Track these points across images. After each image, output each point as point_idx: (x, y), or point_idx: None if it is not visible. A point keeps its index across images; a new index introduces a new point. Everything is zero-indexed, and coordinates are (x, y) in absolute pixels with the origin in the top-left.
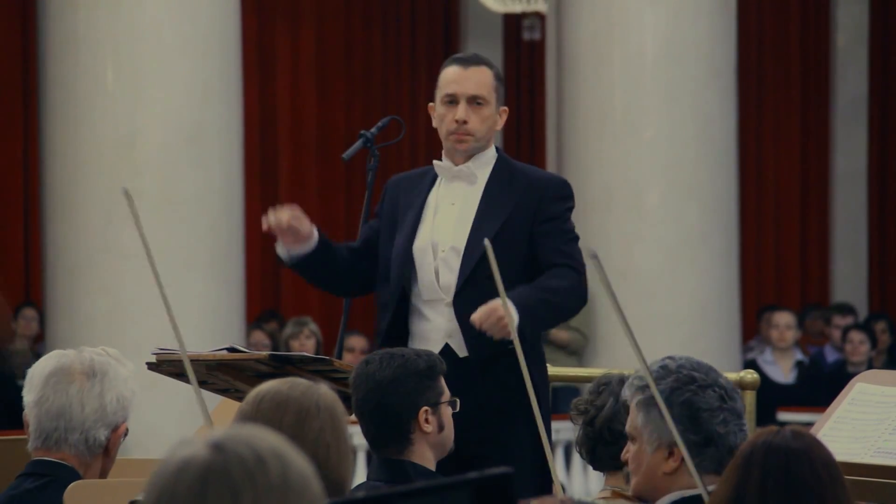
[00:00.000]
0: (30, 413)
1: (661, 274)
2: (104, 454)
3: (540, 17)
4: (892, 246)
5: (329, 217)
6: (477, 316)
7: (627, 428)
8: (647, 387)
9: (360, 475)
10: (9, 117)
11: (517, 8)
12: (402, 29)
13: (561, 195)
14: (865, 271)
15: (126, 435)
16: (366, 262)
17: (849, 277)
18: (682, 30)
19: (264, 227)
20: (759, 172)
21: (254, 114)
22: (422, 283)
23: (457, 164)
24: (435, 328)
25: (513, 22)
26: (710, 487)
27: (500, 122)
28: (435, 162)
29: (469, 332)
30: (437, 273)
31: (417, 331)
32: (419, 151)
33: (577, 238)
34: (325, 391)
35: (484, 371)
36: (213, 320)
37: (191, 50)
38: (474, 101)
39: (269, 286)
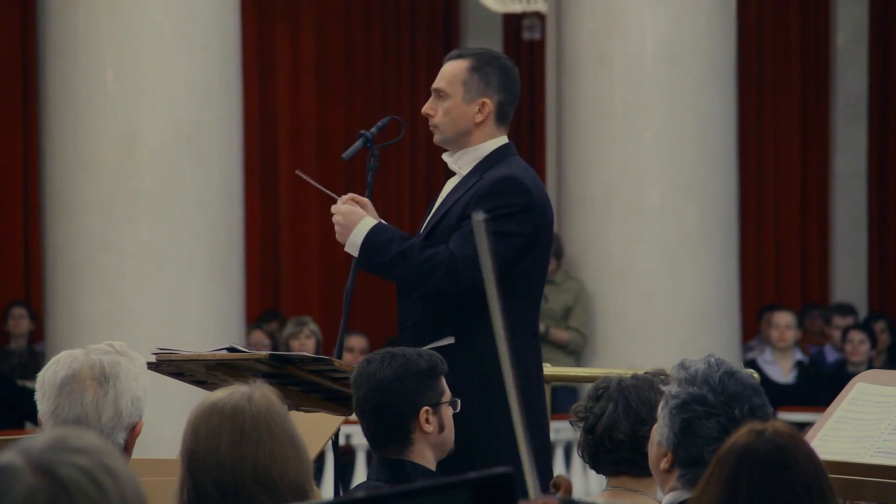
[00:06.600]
0: (46, 424)
1: (661, 274)
2: (124, 453)
3: (540, 16)
4: (892, 246)
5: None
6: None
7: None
8: (672, 396)
9: (360, 475)
10: (9, 117)
11: (517, 8)
12: (402, 29)
13: (489, 193)
14: (865, 271)
15: None
16: None
17: (849, 277)
18: (682, 29)
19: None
20: (759, 172)
21: (253, 114)
22: None
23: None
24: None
25: (513, 22)
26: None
27: (479, 115)
28: (443, 154)
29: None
30: None
31: None
32: (419, 151)
33: (495, 233)
34: (256, 406)
35: None
36: (213, 320)
37: (191, 50)
38: (437, 94)
39: (269, 286)
